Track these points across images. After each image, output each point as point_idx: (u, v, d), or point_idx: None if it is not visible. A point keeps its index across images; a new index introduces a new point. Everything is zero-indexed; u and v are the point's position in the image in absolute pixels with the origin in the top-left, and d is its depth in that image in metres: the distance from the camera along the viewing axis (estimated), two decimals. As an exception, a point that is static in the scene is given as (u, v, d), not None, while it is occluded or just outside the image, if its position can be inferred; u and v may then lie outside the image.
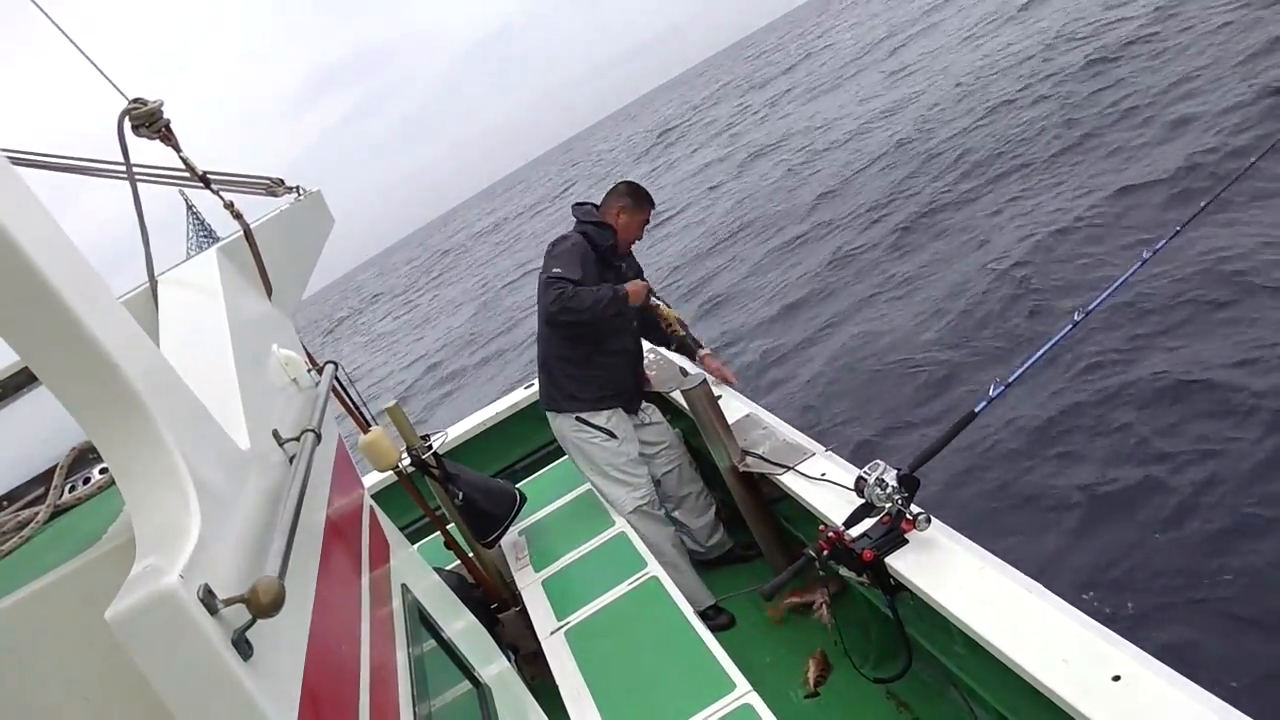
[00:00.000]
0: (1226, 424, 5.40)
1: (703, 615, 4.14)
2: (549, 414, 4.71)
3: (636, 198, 4.62)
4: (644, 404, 4.85)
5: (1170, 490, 5.10)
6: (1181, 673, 2.22)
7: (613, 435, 4.55)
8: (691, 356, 5.04)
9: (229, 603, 1.19)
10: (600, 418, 4.54)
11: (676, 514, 4.88)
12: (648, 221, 4.72)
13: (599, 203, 4.67)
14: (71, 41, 2.79)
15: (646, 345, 5.06)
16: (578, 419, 4.56)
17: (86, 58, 2.80)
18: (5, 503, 2.29)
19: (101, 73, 2.81)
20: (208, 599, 1.16)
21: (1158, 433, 5.62)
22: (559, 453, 5.15)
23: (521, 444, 6.03)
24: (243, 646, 1.20)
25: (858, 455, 3.69)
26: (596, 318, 4.29)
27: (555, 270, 4.26)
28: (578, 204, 4.70)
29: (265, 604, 1.18)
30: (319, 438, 1.98)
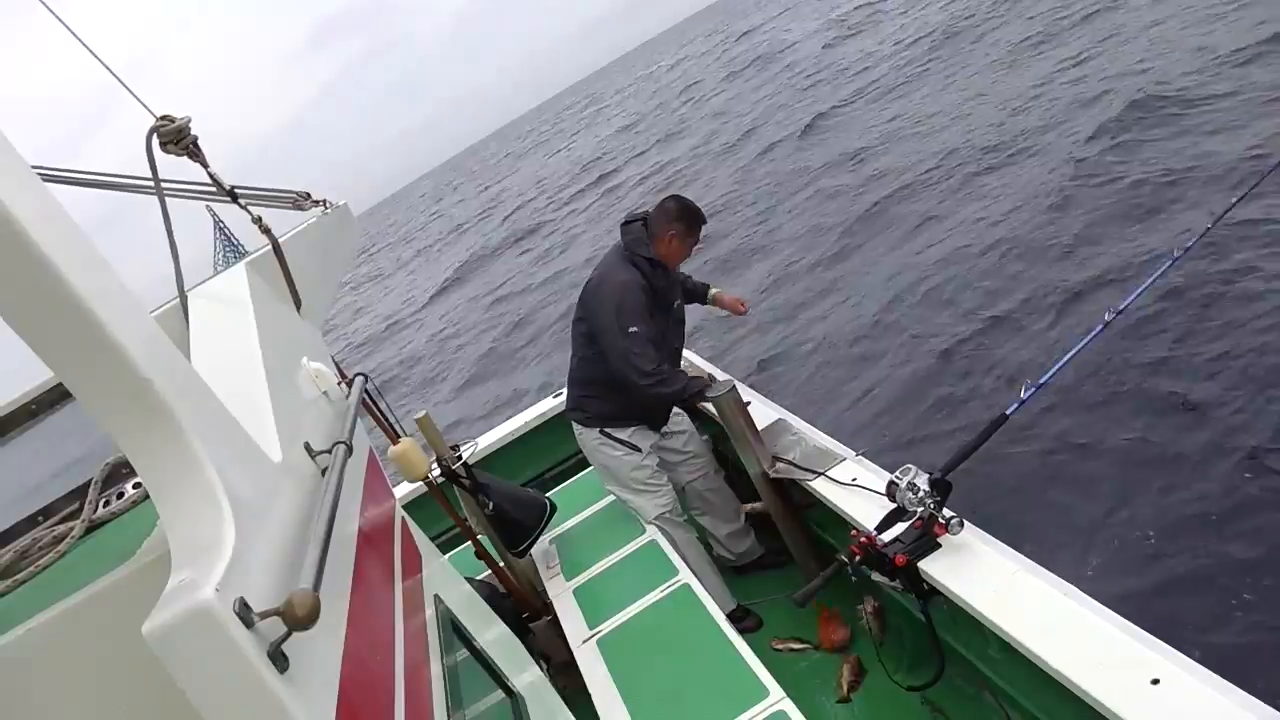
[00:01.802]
0: (1270, 422, 5.34)
1: (729, 617, 4.14)
2: (574, 424, 4.70)
3: (689, 221, 4.42)
4: (676, 411, 4.83)
5: (1209, 490, 5.05)
6: (1223, 676, 2.19)
7: (636, 449, 4.53)
8: (701, 299, 4.97)
9: (265, 616, 1.19)
10: (625, 432, 4.53)
11: (705, 522, 4.86)
12: (698, 241, 4.54)
13: (646, 217, 4.46)
14: (94, 54, 2.82)
15: None
16: (602, 432, 4.55)
17: (108, 69, 2.84)
18: (41, 518, 2.31)
19: (127, 88, 2.84)
20: (244, 612, 1.16)
21: (1196, 432, 5.56)
22: (588, 462, 5.16)
23: (551, 453, 6.04)
24: (279, 659, 1.20)
25: (889, 459, 3.67)
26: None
27: (633, 331, 4.19)
28: (627, 223, 4.50)
29: (301, 616, 1.19)
30: (350, 449, 1.99)
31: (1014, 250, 9.75)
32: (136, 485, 2.19)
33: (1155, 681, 2.23)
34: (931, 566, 3.00)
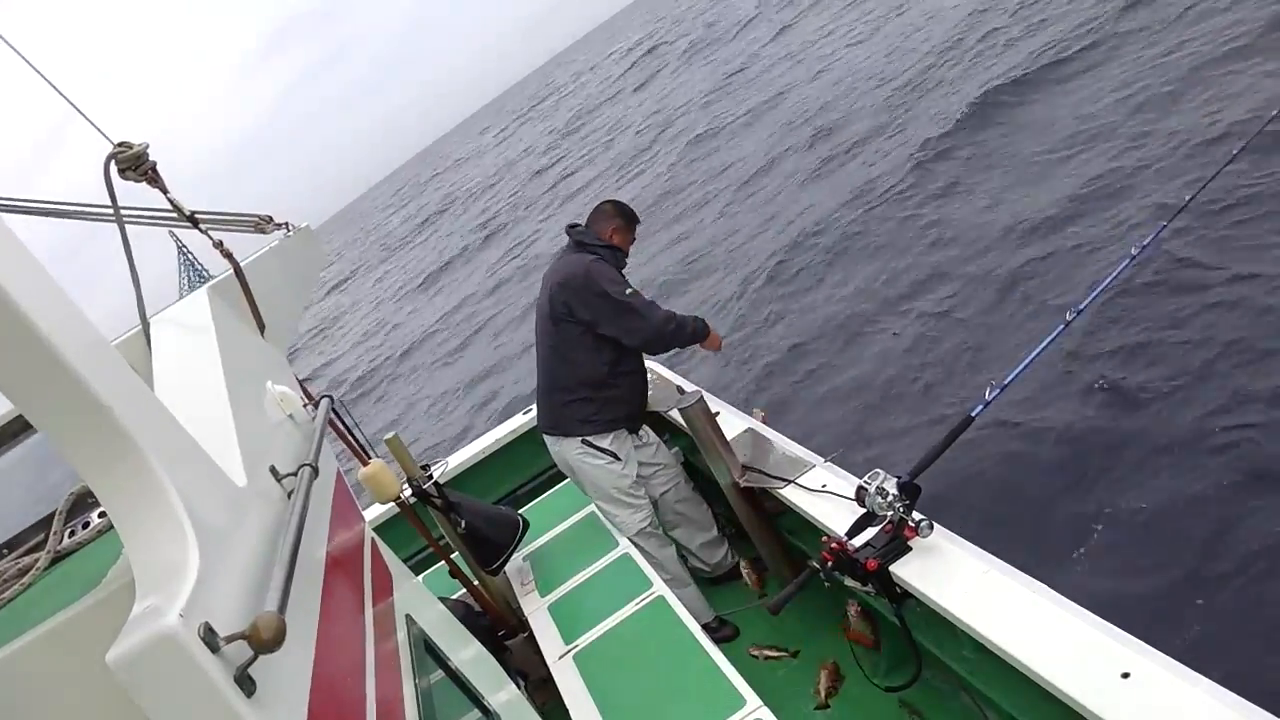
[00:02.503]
0: (1228, 413, 5.40)
1: (705, 627, 4.14)
2: (550, 438, 4.66)
3: (627, 218, 4.61)
4: (644, 415, 4.84)
5: (1171, 483, 5.10)
6: (1191, 667, 2.22)
7: (616, 458, 4.53)
8: None
9: (230, 640, 1.19)
10: (605, 440, 4.52)
11: (677, 534, 4.86)
12: (634, 239, 4.71)
13: (585, 224, 4.62)
14: (54, 87, 2.81)
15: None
16: (583, 442, 4.52)
17: (68, 100, 2.82)
18: (6, 550, 2.29)
19: (84, 115, 2.83)
20: (209, 637, 1.16)
21: (1156, 427, 5.62)
22: (560, 477, 5.13)
23: (522, 470, 6.03)
24: (246, 683, 1.20)
25: (857, 465, 3.69)
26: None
27: (627, 292, 4.35)
28: (572, 226, 4.64)
29: (266, 639, 1.18)
30: (316, 472, 1.99)
31: (973, 251, 9.82)
32: (102, 514, 2.17)
33: (1126, 675, 2.26)
34: (903, 570, 3.01)
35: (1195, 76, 10.65)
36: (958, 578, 2.88)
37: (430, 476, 4.38)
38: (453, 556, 4.59)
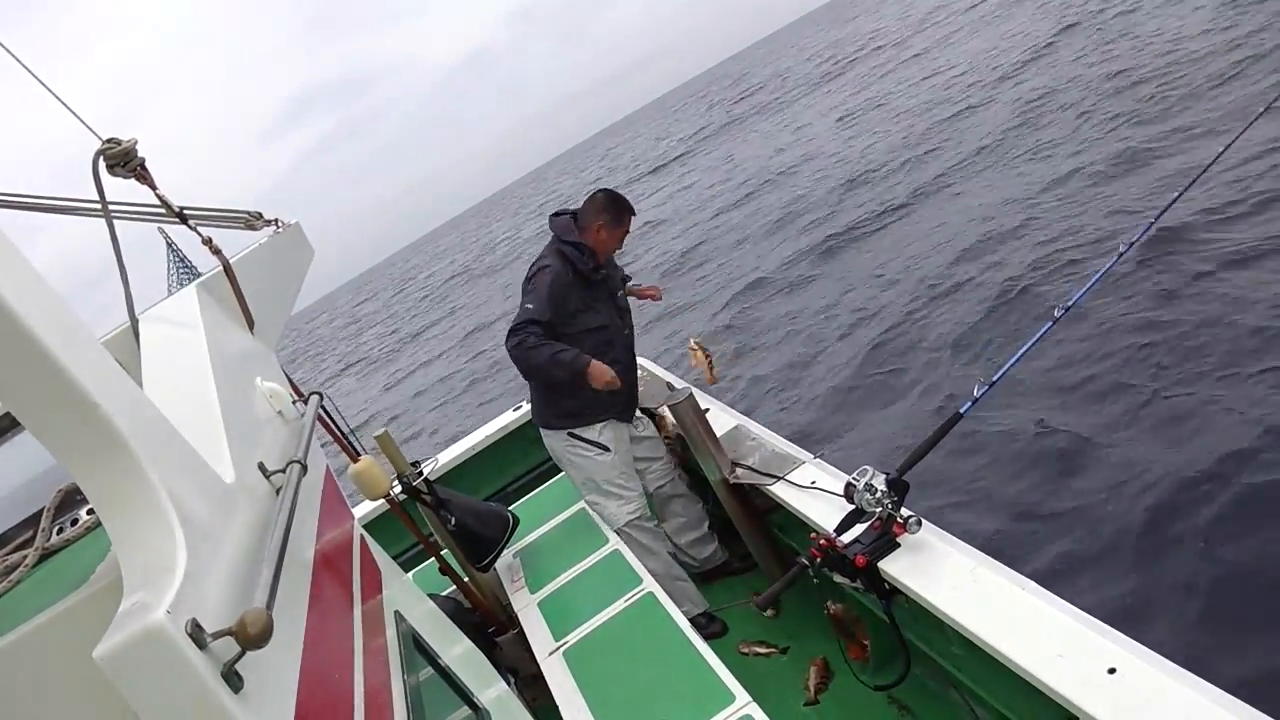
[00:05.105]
0: (1214, 412, 5.42)
1: (694, 623, 4.14)
2: (542, 430, 4.67)
3: (616, 210, 4.45)
4: (637, 416, 4.84)
5: (1158, 480, 5.11)
6: (1177, 662, 2.23)
7: (605, 449, 4.52)
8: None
9: (217, 636, 1.19)
10: (592, 431, 4.50)
11: (669, 528, 4.86)
12: (628, 232, 4.57)
13: (577, 210, 4.52)
14: (46, 86, 2.80)
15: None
16: (569, 434, 4.51)
17: (61, 101, 2.81)
18: (-7, 548, 2.28)
19: (75, 115, 2.82)
20: (196, 633, 1.16)
21: (1143, 424, 5.64)
22: (550, 474, 5.13)
23: (512, 466, 6.02)
24: (233, 679, 1.20)
25: (846, 461, 3.69)
26: (546, 377, 4.28)
27: (527, 306, 4.23)
28: (555, 214, 4.56)
29: (253, 635, 1.18)
30: (305, 468, 1.98)
31: (963, 250, 9.85)
32: (90, 511, 2.16)
33: (1112, 670, 2.27)
34: (891, 566, 3.02)
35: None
36: (946, 574, 2.89)
37: (420, 473, 4.37)
38: (443, 553, 4.59)
